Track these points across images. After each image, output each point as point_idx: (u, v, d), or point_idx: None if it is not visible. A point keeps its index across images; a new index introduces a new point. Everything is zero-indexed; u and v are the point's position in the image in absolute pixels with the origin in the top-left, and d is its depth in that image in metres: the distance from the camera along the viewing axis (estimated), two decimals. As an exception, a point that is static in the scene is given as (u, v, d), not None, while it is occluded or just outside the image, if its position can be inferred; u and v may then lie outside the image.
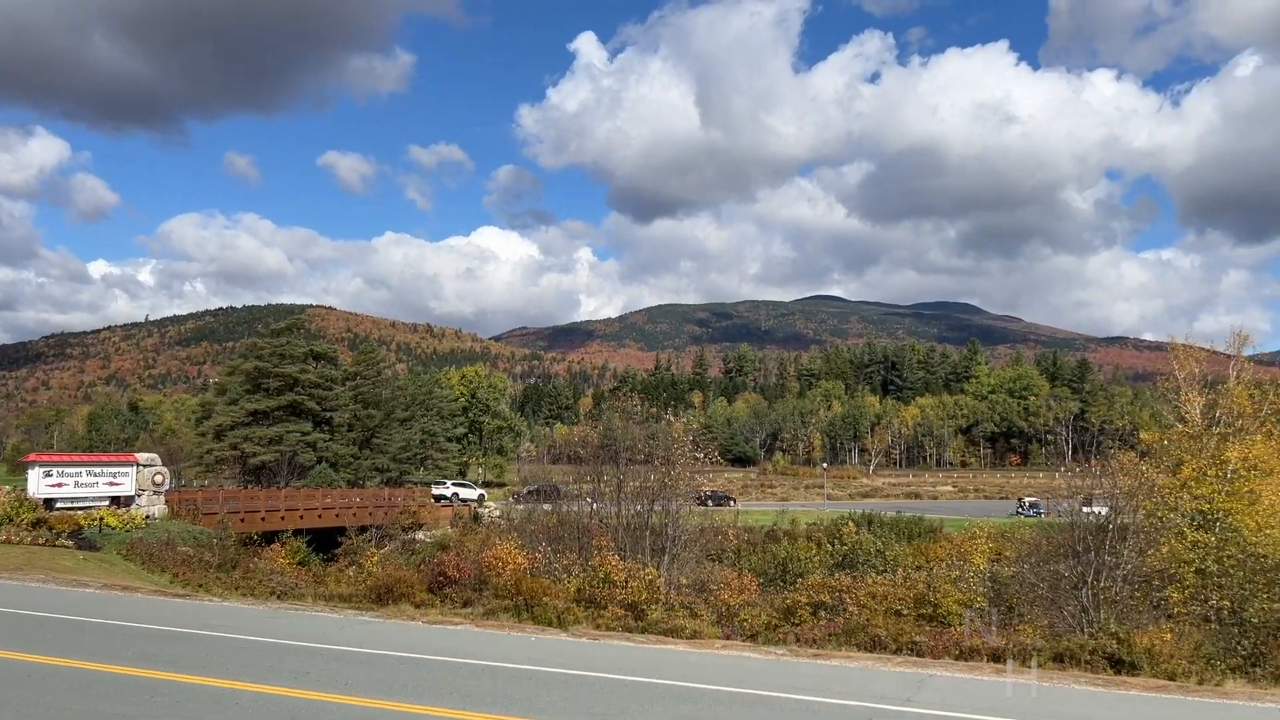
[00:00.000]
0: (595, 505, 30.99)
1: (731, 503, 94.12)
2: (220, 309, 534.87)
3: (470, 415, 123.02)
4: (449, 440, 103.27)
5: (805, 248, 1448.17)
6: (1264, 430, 34.49)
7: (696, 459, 30.30)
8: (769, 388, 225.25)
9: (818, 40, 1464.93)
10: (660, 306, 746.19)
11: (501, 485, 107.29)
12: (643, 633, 21.57)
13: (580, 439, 43.59)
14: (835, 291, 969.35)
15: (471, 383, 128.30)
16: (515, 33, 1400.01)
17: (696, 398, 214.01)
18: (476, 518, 61.63)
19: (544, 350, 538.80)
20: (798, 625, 22.26)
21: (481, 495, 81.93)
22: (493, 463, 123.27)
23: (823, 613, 23.12)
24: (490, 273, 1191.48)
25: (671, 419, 36.50)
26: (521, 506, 44.65)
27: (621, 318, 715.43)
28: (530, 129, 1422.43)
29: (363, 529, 54.11)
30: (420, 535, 56.31)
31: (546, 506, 32.74)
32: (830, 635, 20.91)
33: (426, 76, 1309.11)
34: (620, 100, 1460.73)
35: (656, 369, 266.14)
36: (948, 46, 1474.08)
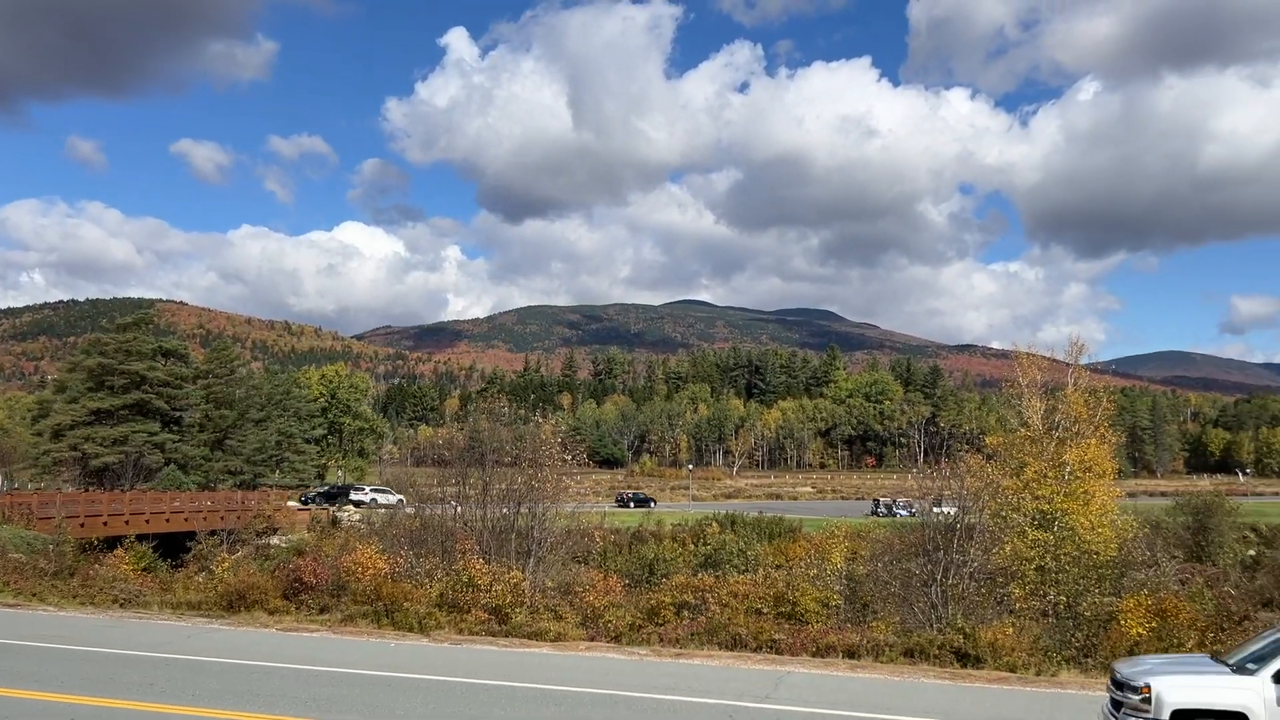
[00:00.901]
0: (460, 508, 30.54)
1: (652, 504, 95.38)
2: (61, 302, 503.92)
3: (330, 416, 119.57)
4: (307, 442, 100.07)
5: (675, 252, 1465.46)
6: (1097, 434, 36.65)
7: (564, 461, 30.20)
8: (638, 390, 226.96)
9: (689, 48, 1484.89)
10: (530, 308, 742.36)
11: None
12: (507, 636, 21.40)
13: (445, 441, 42.92)
14: (703, 296, 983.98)
15: (331, 382, 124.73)
16: (384, 24, 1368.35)
17: (566, 400, 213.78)
18: (335, 521, 59.93)
19: (409, 350, 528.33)
20: (661, 625, 22.42)
21: (400, 500, 79.81)
22: (353, 465, 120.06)
23: (686, 612, 23.34)
24: (353, 269, 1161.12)
25: (540, 421, 36.26)
26: (383, 511, 43.65)
27: (490, 318, 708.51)
28: (398, 123, 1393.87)
29: (213, 533, 51.88)
30: (275, 540, 54.36)
31: (409, 510, 32.10)
32: (693, 635, 21.17)
33: (290, 65, 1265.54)
34: (491, 98, 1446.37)
35: (525, 370, 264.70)
36: (814, 60, 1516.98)
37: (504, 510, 28.89)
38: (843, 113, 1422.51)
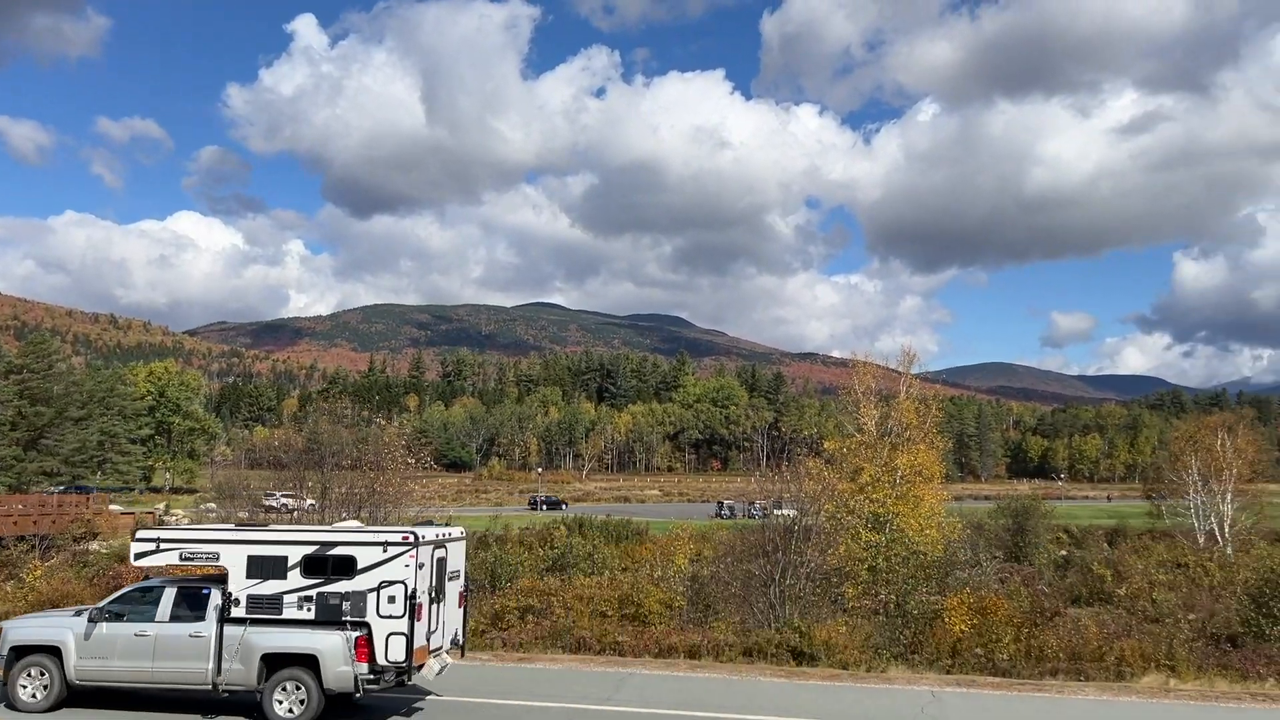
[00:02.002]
0: (297, 513, 29.49)
1: (564, 506, 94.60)
2: None
3: (158, 415, 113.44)
4: (132, 442, 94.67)
5: (529, 254, 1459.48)
6: (926, 440, 38.48)
7: (409, 464, 29.59)
8: (488, 393, 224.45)
9: (547, 50, 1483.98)
10: (377, 306, 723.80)
11: (192, 491, 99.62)
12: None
13: (282, 442, 41.35)
14: (557, 299, 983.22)
15: (160, 380, 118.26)
16: (228, 6, 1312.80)
17: (412, 401, 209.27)
18: (161, 526, 56.78)
19: (247, 347, 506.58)
20: (505, 630, 22.25)
21: (312, 505, 78.10)
22: (183, 467, 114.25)
23: (531, 616, 23.23)
24: (188, 261, 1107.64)
25: (383, 422, 35.43)
26: (215, 514, 41.67)
27: (334, 316, 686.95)
28: (240, 110, 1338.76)
29: (22, 538, 48.32)
30: (95, 546, 51.10)
31: (243, 514, 30.75)
32: (537, 638, 21.10)
33: (123, 43, 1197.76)
34: (341, 88, 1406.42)
35: (370, 370, 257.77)
36: (669, 69, 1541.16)
37: (344, 515, 28.08)
38: (697, 123, 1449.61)
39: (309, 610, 12.79)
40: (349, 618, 12.68)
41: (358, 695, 12.87)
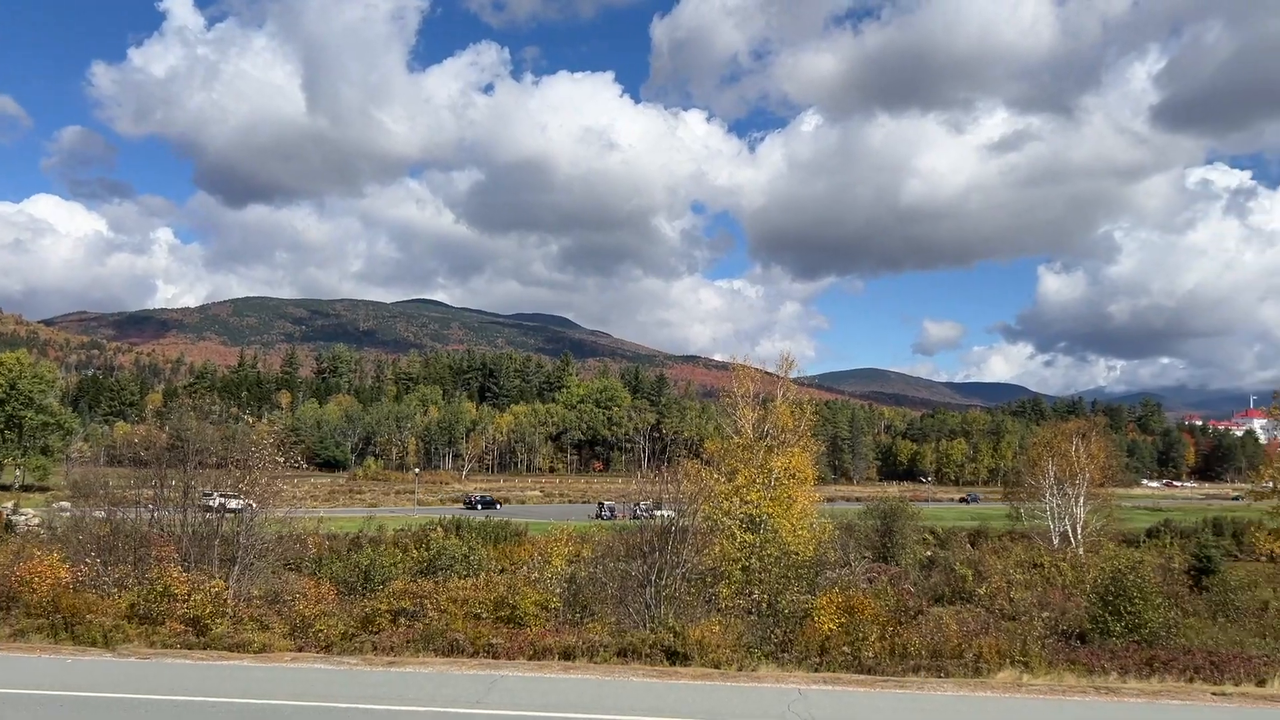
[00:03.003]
0: (157, 513, 28.22)
1: (498, 506, 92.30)
2: None
3: (8, 409, 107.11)
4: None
5: (412, 249, 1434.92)
6: (801, 443, 39.38)
7: (278, 462, 28.64)
8: (365, 390, 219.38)
9: (434, 43, 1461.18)
10: (249, 299, 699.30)
11: (45, 489, 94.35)
12: (205, 649, 20.09)
13: (144, 439, 39.54)
14: (439, 296, 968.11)
15: (11, 371, 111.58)
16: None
17: (285, 398, 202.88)
18: (9, 526, 53.65)
19: (109, 339, 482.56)
20: (376, 633, 21.78)
21: (249, 504, 77.93)
22: (35, 464, 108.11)
23: (403, 619, 22.80)
24: (45, 247, 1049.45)
25: (253, 419, 34.24)
26: (68, 514, 39.59)
27: (204, 308, 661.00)
28: (106, 90, 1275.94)
29: None
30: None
31: (100, 514, 29.25)
32: (409, 642, 20.74)
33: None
34: (217, 72, 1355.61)
35: (241, 365, 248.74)
36: (559, 69, 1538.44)
37: (208, 515, 27.05)
38: (586, 123, 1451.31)
39: None
40: None
41: None
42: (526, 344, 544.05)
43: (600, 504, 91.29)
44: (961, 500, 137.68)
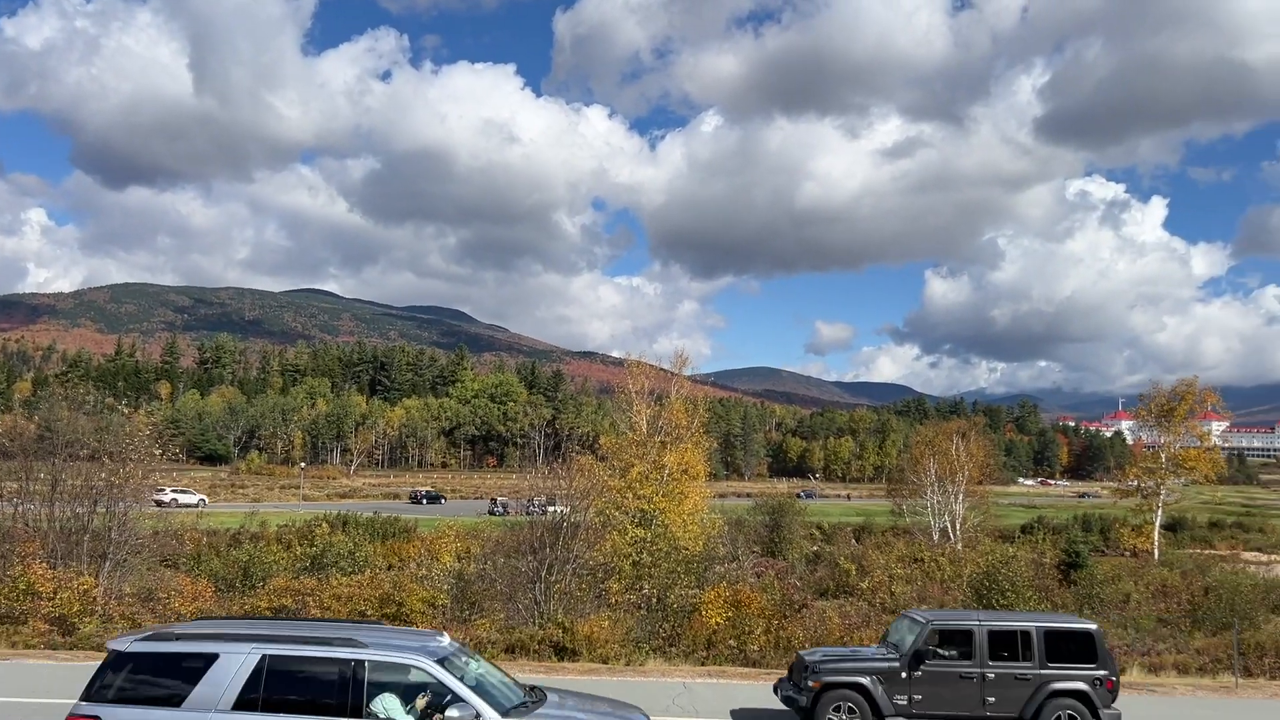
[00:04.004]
0: (22, 507, 26.83)
1: (442, 500, 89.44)
2: None
3: None
4: None
5: (302, 238, 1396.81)
6: (694, 440, 39.85)
7: (154, 455, 27.55)
8: (249, 382, 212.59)
9: (330, 26, 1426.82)
10: (129, 285, 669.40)
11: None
12: (71, 649, 19.24)
13: (9, 430, 37.48)
14: (330, 287, 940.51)
15: None
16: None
17: (165, 389, 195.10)
18: None
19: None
20: (256, 631, 21.19)
21: (203, 500, 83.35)
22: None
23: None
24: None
25: (129, 411, 32.89)
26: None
27: (79, 293, 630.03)
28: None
29: None
30: None
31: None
32: (290, 640, 20.21)
33: None
34: (97, 47, 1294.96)
35: (118, 354, 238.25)
36: (460, 58, 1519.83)
37: (78, 509, 25.84)
38: (486, 115, 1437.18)
39: None
40: None
41: None
42: (421, 337, 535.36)
43: (493, 500, 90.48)
44: (846, 497, 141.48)
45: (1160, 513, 63.47)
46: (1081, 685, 13.84)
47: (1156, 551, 59.62)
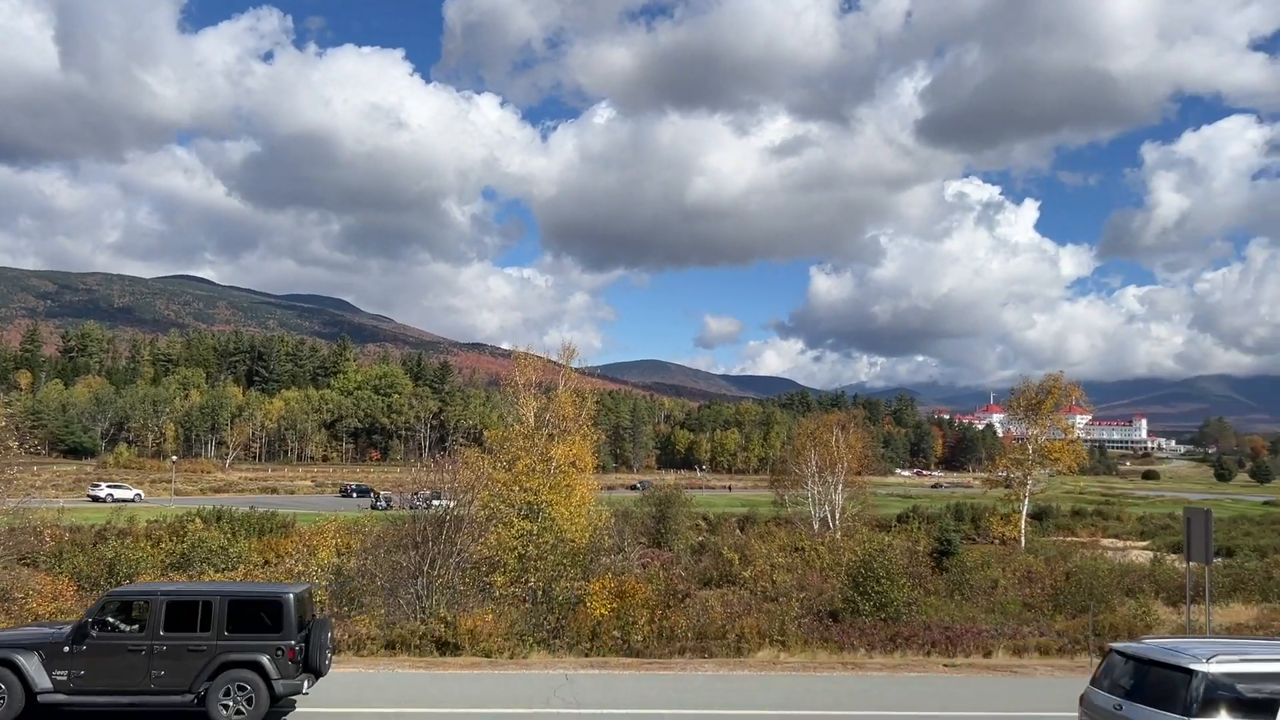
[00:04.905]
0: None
1: (371, 494, 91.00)
2: None
3: None
4: None
5: (176, 222, 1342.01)
6: (582, 432, 39.83)
7: (9, 448, 26.06)
8: (118, 372, 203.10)
9: (209, 3, 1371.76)
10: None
11: None
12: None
13: None
14: (205, 273, 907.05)
15: None
16: None
17: (25, 378, 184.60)
18: None
19: None
20: (120, 632, 20.28)
21: (138, 495, 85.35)
22: None
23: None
24: None
25: (-19, 401, 30.99)
26: None
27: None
28: None
29: None
30: None
31: None
32: (157, 640, 19.42)
33: None
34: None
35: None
36: (345, 42, 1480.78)
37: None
38: (373, 100, 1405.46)
39: None
40: None
41: None
42: (301, 327, 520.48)
43: (376, 494, 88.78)
44: (728, 489, 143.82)
45: (1027, 502, 66.32)
46: (258, 656, 13.25)
47: (1023, 539, 62.27)
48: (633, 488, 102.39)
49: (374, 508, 74.64)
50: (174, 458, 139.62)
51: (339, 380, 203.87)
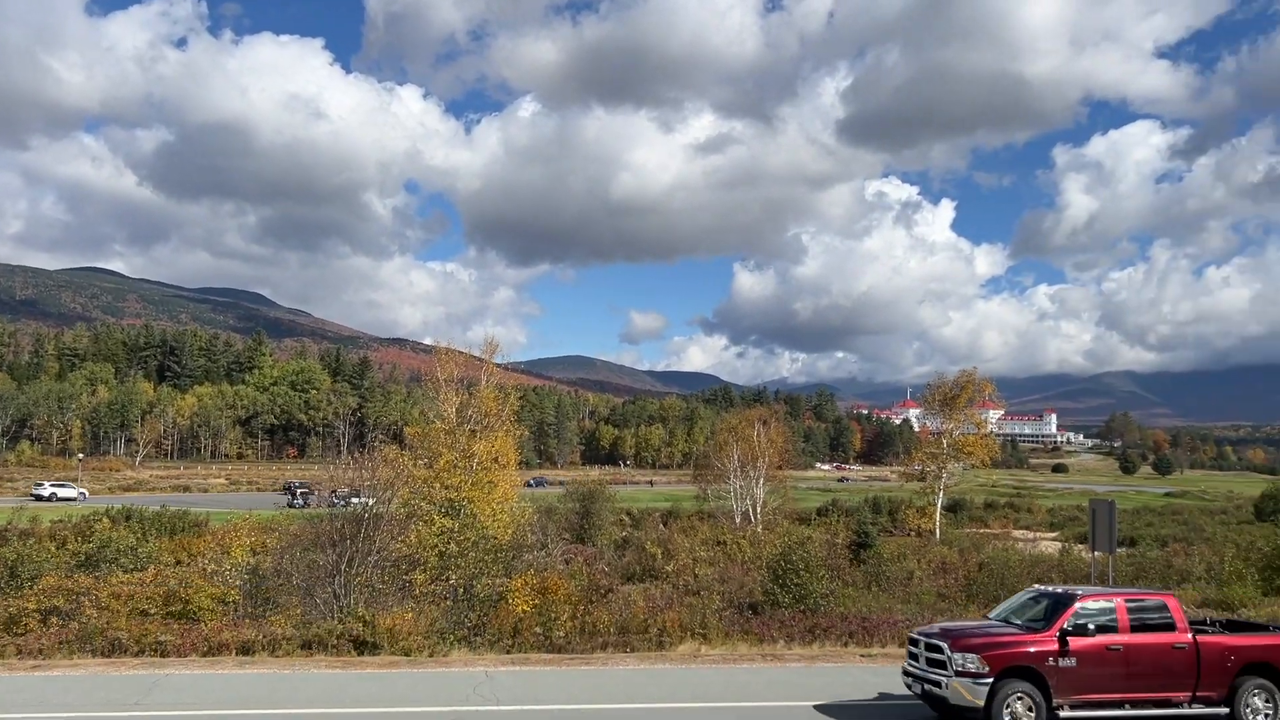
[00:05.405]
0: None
1: (313, 493, 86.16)
2: None
3: None
4: None
5: (83, 212, 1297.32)
6: (504, 428, 39.60)
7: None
8: (20, 367, 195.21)
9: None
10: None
11: None
12: None
13: None
14: (115, 265, 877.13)
15: None
16: None
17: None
18: None
19: None
20: (22, 635, 19.58)
21: (83, 493, 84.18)
22: None
23: (55, 619, 20.62)
24: None
25: None
26: None
27: None
28: None
29: None
30: None
31: None
32: (62, 643, 18.84)
33: None
34: None
35: None
36: (263, 29, 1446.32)
37: None
38: (291, 90, 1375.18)
39: None
40: None
41: None
42: (216, 321, 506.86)
43: (291, 491, 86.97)
44: (649, 484, 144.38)
45: (942, 495, 67.95)
46: None
47: (938, 531, 63.79)
48: (528, 484, 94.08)
49: (291, 506, 73.17)
50: (80, 455, 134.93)
51: (255, 376, 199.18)
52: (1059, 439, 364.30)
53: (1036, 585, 16.32)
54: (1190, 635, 13.51)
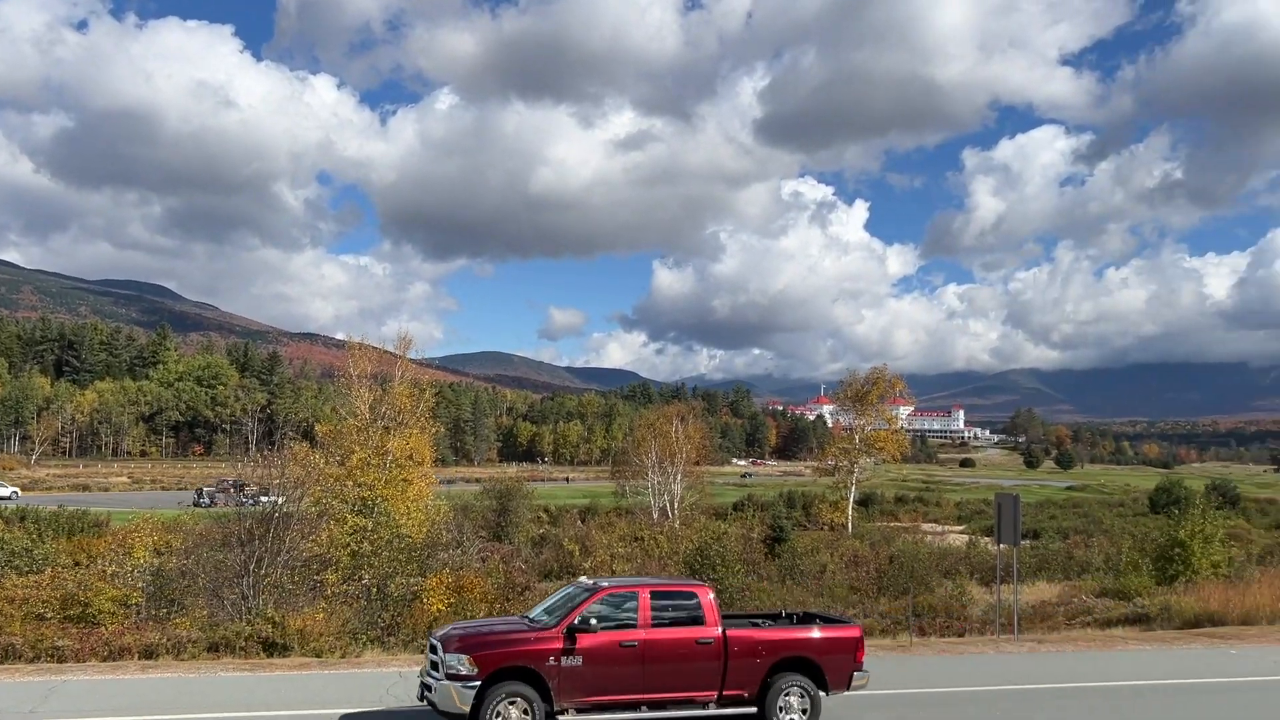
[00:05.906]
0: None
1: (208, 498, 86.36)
2: None
3: None
4: None
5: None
6: (419, 425, 39.10)
7: None
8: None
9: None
10: None
11: None
12: None
13: None
14: (9, 255, 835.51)
15: None
16: None
17: None
18: None
19: None
20: (-94, 644, 18.66)
21: (15, 492, 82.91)
22: None
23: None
24: None
25: None
26: None
27: None
28: None
29: None
30: None
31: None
32: (-50, 651, 18.00)
33: None
34: None
35: None
36: (169, 14, 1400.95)
37: None
38: (199, 77, 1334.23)
39: None
40: None
41: None
42: (118, 314, 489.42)
43: (199, 490, 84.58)
44: (566, 480, 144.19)
45: (854, 489, 69.33)
46: None
47: (850, 525, 65.06)
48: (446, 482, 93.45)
49: (196, 504, 71.13)
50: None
51: (159, 371, 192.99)
52: (967, 434, 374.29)
53: (583, 578, 15.48)
54: (720, 630, 12.48)
